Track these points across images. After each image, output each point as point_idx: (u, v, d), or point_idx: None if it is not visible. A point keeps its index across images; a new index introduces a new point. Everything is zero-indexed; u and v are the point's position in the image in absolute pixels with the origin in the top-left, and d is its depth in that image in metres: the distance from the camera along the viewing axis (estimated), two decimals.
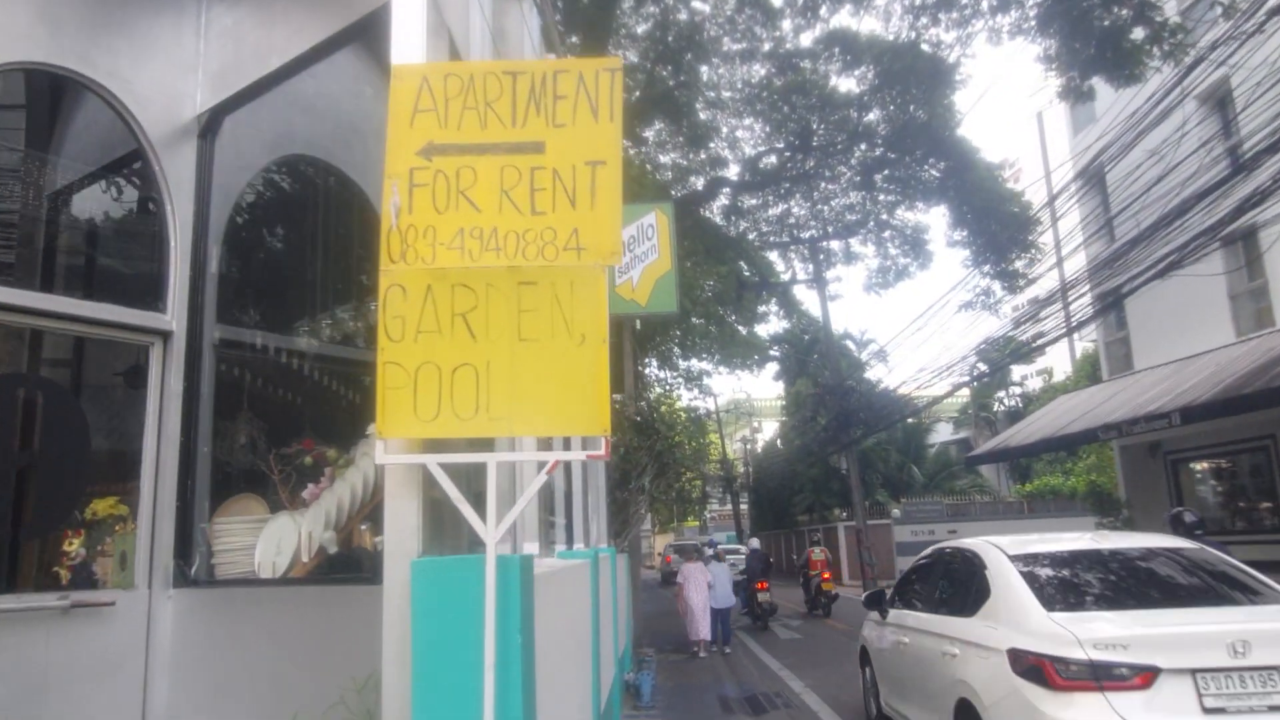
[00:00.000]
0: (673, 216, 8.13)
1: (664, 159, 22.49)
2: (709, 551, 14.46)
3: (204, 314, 3.82)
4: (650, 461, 10.82)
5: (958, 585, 5.97)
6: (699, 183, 21.72)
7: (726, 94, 22.32)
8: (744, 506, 45.94)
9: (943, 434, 40.22)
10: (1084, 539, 5.98)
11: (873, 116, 21.74)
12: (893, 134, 21.16)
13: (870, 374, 29.36)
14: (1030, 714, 4.30)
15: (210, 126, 3.96)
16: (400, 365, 2.63)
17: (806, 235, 26.30)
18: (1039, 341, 19.34)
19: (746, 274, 25.85)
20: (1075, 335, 46.16)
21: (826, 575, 18.35)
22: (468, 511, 2.62)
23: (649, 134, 21.66)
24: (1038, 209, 18.17)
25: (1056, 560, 5.43)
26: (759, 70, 21.58)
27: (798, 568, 21.35)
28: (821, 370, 32.15)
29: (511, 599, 2.56)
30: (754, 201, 25.72)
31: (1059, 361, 48.90)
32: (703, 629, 12.48)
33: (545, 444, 4.47)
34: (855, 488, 23.31)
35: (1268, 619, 4.55)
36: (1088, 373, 38.95)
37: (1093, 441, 16.06)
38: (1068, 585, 5.16)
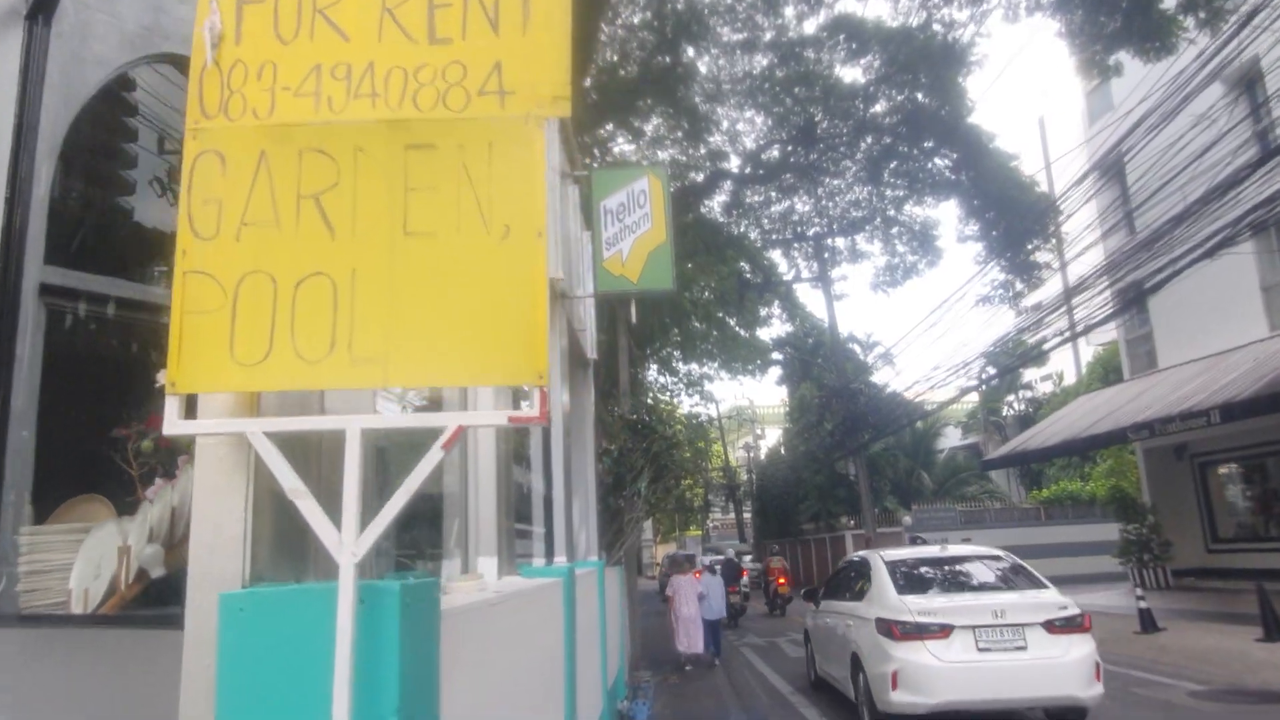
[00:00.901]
0: (667, 182, 7.13)
1: (662, 155, 21.51)
2: (704, 562, 14.13)
3: (24, 250, 2.81)
4: (646, 464, 9.81)
5: (856, 581, 8.92)
6: (699, 176, 20.73)
7: (727, 86, 21.40)
8: (747, 515, 44.89)
9: (951, 439, 39.19)
10: (933, 550, 9.00)
11: (879, 108, 20.82)
12: (901, 124, 20.21)
13: (877, 377, 28.33)
14: (884, 655, 7.27)
15: (43, 4, 2.96)
16: (211, 277, 1.63)
17: (811, 233, 25.37)
18: (1052, 342, 18.35)
19: (748, 274, 24.88)
20: (1085, 338, 45.20)
21: (781, 580, 21.24)
22: (311, 513, 1.60)
23: (647, 128, 20.75)
24: (1057, 197, 17.18)
25: (909, 563, 8.39)
26: (760, 61, 20.66)
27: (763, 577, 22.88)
28: (826, 374, 31.15)
29: (386, 649, 1.54)
30: (756, 198, 24.80)
31: (1065, 365, 47.88)
32: (695, 642, 12.17)
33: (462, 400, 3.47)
34: (864, 494, 22.27)
35: (1020, 597, 7.45)
36: (1099, 375, 37.94)
37: (1121, 443, 15.04)
38: (912, 579, 8.07)
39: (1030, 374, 42.98)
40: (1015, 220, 16.98)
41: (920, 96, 19.60)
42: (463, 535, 3.86)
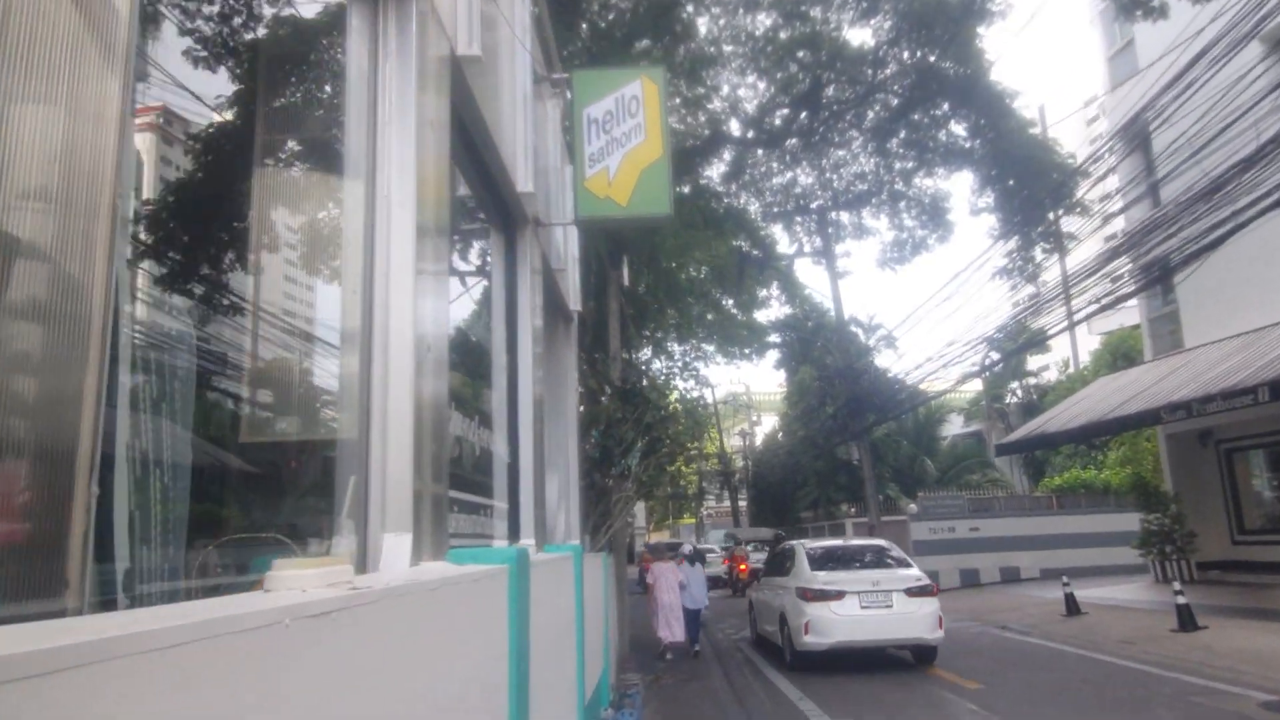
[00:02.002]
0: (664, 86, 5.87)
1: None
2: (686, 550, 14.69)
3: None
4: (638, 436, 8.60)
5: (785, 563, 12.03)
6: (700, 137, 19.40)
7: (728, 49, 20.11)
8: (743, 503, 43.82)
9: (954, 426, 38.09)
10: (838, 541, 14.27)
11: (890, 71, 19.59)
12: (913, 88, 18.96)
13: (880, 361, 27.14)
14: (800, 612, 10.38)
15: None
16: None
17: (814, 205, 24.13)
18: (1061, 326, 17.16)
19: (748, 250, 23.63)
20: (1086, 325, 44.36)
21: (743, 568, 23.67)
22: None
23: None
24: (1087, 156, 15.97)
25: (821, 550, 11.83)
26: (763, 21, 19.40)
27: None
28: (827, 356, 29.97)
29: None
30: (758, 170, 23.56)
31: (1065, 353, 46.76)
32: (676, 630, 12.13)
33: None
34: (868, 480, 21.12)
35: (890, 573, 10.85)
36: (1107, 361, 36.83)
37: (1153, 424, 13.90)
38: (821, 560, 11.31)
39: (1035, 361, 41.94)
40: (1039, 184, 15.75)
41: (934, 58, 18.36)
42: (361, 502, 2.64)
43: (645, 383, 8.86)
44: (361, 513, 2.65)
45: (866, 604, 10.29)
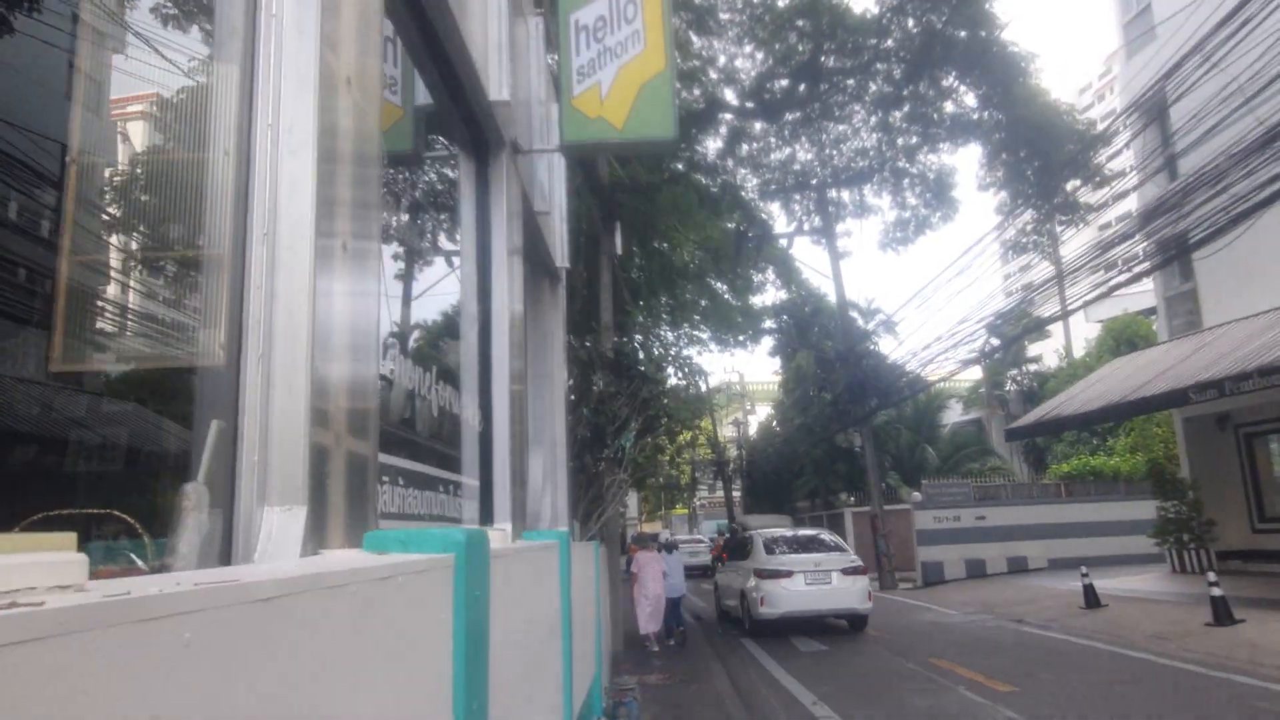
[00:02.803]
0: None
1: None
2: (663, 538, 16.19)
3: None
4: (633, 413, 7.71)
5: (745, 547, 14.49)
6: (693, 110, 18.42)
7: (725, 16, 19.22)
8: (736, 494, 43.04)
9: (953, 414, 37.33)
10: (789, 530, 16.88)
11: (894, 40, 18.73)
12: (919, 54, 18.05)
13: (881, 346, 26.27)
14: (758, 590, 12.85)
15: None
16: None
17: (814, 182, 23.23)
18: (1075, 305, 16.33)
19: (744, 229, 22.71)
20: (1084, 313, 43.66)
21: (715, 551, 25.19)
22: None
23: None
24: (1106, 125, 15.11)
25: (775, 538, 14.25)
26: None
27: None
28: (826, 341, 29.12)
29: None
30: (755, 145, 22.62)
31: (1062, 339, 46.08)
32: (658, 620, 12.20)
33: None
34: (871, 468, 20.29)
35: (829, 556, 13.29)
36: (1110, 347, 36.11)
37: (1180, 405, 13.08)
38: (775, 545, 13.75)
39: (1035, 348, 41.25)
40: (1055, 152, 14.88)
41: (942, 23, 17.48)
42: (226, 461, 1.74)
43: (640, 354, 7.94)
44: (227, 476, 1.74)
45: (810, 581, 12.81)
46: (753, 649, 11.49)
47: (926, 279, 51.66)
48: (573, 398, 8.07)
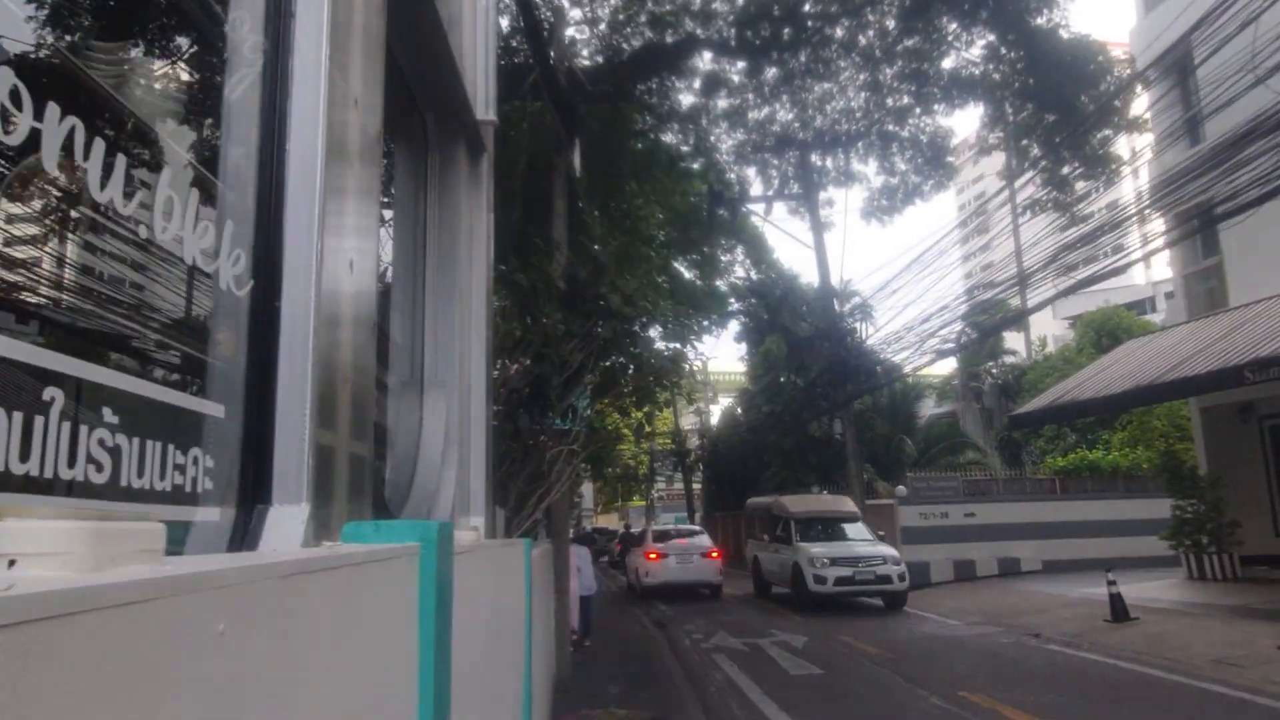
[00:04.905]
0: None
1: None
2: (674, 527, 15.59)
3: None
4: (588, 360, 5.50)
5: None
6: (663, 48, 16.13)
7: None
8: (697, 486, 41.07)
9: (927, 405, 35.72)
10: (670, 528, 22.57)
11: None
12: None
13: (859, 329, 24.30)
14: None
15: None
16: None
17: (795, 141, 21.18)
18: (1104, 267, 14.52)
19: (718, 189, 20.60)
20: (1051, 310, 42.16)
21: (619, 545, 27.60)
22: None
23: None
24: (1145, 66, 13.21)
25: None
26: None
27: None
28: (799, 323, 27.13)
29: None
30: (733, 100, 20.51)
31: (1035, 333, 44.84)
32: (575, 619, 10.99)
33: None
34: (852, 457, 18.38)
35: (696, 540, 19.33)
36: (1091, 339, 34.73)
37: (1234, 384, 11.21)
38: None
39: (1013, 342, 39.86)
40: (1081, 94, 12.92)
41: None
42: None
43: (599, 280, 5.66)
44: None
45: (679, 562, 17.86)
46: (733, 673, 9.32)
47: (907, 258, 49.94)
48: (509, 339, 5.82)
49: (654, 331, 12.13)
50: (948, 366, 38.01)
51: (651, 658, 10.33)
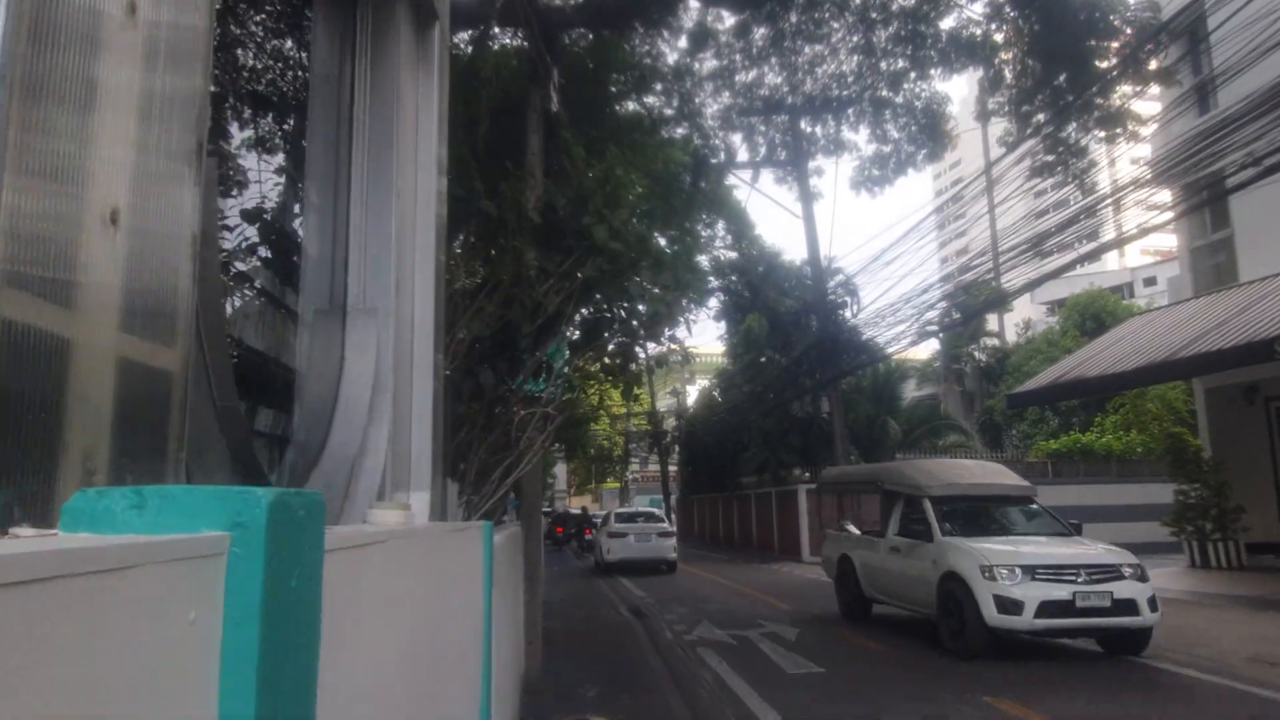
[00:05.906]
0: None
1: None
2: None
3: None
4: (567, 303, 4.48)
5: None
6: None
7: None
8: (673, 467, 40.24)
9: (909, 388, 35.09)
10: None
11: None
12: None
13: (847, 305, 23.43)
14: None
15: None
16: None
17: (785, 106, 20.20)
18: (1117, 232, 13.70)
19: (704, 152, 19.59)
20: (1030, 296, 42.01)
21: (587, 530, 27.82)
22: None
23: None
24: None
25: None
26: None
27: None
28: (783, 299, 26.25)
29: None
30: (721, 59, 19.50)
31: (1017, 316, 44.39)
32: None
33: None
34: (840, 437, 17.52)
35: (650, 525, 20.82)
36: (1076, 322, 34.22)
37: (1265, 359, 10.38)
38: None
39: (995, 324, 39.38)
40: (1101, 43, 12.01)
41: None
42: None
43: (582, 211, 4.59)
44: None
45: (640, 540, 20.01)
46: (723, 671, 8.38)
47: (891, 236, 49.20)
48: (467, 281, 4.77)
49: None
50: (930, 349, 37.41)
51: (631, 653, 9.36)
